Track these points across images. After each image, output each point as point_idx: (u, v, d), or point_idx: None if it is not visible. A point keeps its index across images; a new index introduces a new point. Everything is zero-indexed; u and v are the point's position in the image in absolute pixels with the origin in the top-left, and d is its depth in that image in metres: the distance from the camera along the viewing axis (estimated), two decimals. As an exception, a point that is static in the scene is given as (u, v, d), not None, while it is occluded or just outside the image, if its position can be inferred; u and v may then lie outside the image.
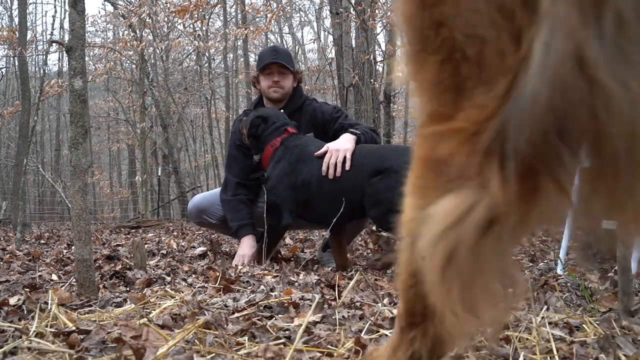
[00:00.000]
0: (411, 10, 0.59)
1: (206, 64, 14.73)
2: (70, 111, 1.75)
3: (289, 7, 13.14)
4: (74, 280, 1.89)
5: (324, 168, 2.59)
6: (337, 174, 2.57)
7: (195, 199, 3.23)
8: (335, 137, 2.80)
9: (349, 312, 1.48)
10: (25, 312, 1.52)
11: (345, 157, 2.58)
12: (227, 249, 3.50)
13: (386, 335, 1.27)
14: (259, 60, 3.14)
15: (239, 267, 2.51)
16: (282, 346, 1.19)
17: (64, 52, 2.68)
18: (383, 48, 13.44)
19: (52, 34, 17.86)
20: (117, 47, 12.33)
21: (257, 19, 14.56)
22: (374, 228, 2.77)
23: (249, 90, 14.22)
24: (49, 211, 16.21)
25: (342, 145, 2.64)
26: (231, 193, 2.96)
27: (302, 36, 20.98)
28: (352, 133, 2.73)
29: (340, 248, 2.73)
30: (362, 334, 1.28)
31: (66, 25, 15.37)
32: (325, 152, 2.63)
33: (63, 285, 1.97)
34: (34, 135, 12.14)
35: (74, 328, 1.27)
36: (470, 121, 0.54)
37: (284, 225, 2.72)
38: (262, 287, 1.87)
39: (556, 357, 1.12)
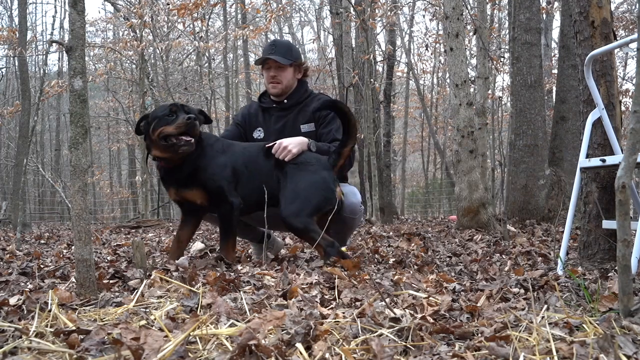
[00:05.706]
0: None
1: (206, 64, 14.73)
2: (70, 111, 1.76)
3: (288, 7, 13.13)
4: (74, 279, 1.89)
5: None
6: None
7: None
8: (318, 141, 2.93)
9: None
10: (25, 312, 1.52)
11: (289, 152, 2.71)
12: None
13: (386, 335, 1.27)
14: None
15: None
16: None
17: (64, 52, 2.68)
18: (383, 48, 13.45)
19: (52, 34, 17.86)
20: (117, 47, 12.33)
21: (257, 19, 14.57)
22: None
23: (248, 90, 14.24)
24: (49, 211, 16.22)
25: (290, 142, 2.75)
26: None
27: (302, 36, 21.00)
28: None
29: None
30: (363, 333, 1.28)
31: (66, 25, 15.35)
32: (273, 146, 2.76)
33: (63, 285, 1.97)
34: (34, 135, 12.14)
35: (74, 328, 1.27)
36: None
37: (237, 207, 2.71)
38: (262, 287, 1.87)
39: (556, 357, 1.12)
